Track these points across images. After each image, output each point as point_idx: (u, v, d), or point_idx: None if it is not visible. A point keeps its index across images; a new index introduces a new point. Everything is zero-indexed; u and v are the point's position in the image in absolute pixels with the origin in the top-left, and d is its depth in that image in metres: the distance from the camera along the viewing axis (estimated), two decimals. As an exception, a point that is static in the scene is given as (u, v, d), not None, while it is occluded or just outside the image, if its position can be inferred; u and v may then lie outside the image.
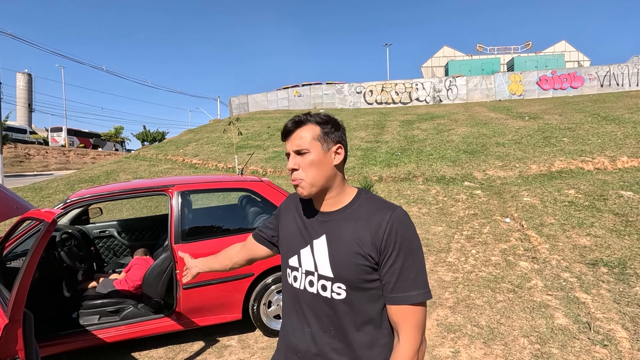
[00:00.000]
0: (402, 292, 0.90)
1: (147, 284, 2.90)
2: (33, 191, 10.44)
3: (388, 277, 0.92)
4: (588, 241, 4.58)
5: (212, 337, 3.06)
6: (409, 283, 0.91)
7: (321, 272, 0.98)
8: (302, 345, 1.02)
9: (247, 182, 3.31)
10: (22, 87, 44.01)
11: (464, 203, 6.72)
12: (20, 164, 26.88)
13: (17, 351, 1.52)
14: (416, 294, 0.90)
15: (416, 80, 20.68)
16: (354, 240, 0.94)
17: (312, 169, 0.97)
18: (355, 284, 0.94)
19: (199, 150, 14.23)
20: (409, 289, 0.90)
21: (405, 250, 0.91)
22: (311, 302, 1.00)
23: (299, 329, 1.03)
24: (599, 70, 18.93)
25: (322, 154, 0.98)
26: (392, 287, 0.92)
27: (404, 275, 0.91)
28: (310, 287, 1.00)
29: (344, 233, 0.97)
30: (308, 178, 0.98)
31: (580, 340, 2.74)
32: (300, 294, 1.03)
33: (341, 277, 0.95)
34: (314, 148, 0.98)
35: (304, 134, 0.99)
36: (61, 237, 3.26)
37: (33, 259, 1.56)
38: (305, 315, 1.01)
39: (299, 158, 0.99)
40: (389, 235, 0.91)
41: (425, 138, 11.75)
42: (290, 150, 1.00)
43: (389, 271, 0.91)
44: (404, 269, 0.91)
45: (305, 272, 1.01)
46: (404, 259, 0.91)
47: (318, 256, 0.99)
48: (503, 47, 31.96)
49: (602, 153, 8.37)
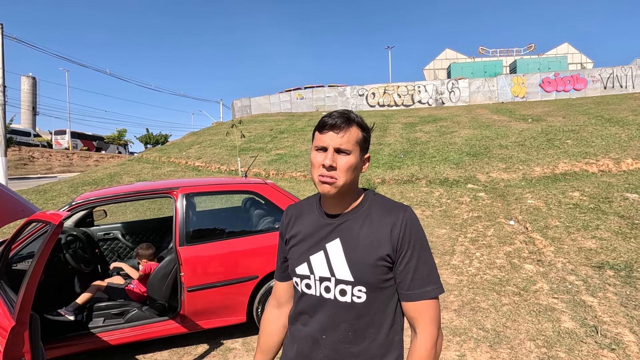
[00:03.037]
0: (419, 289, 0.94)
1: (151, 286, 2.90)
2: (37, 194, 10.49)
3: (404, 275, 0.94)
4: (593, 244, 4.55)
5: (217, 339, 3.05)
6: (424, 279, 0.94)
7: (339, 277, 0.96)
8: (316, 353, 0.99)
9: (251, 184, 3.32)
10: (26, 90, 44.36)
11: (468, 205, 6.69)
12: (24, 166, 27.03)
13: (24, 353, 1.52)
14: (431, 289, 0.94)
15: (418, 83, 20.68)
16: (370, 242, 0.95)
17: (349, 172, 0.94)
18: (375, 285, 0.95)
19: (201, 152, 14.27)
20: (425, 285, 0.94)
21: (419, 248, 0.95)
22: (328, 308, 0.97)
23: (312, 337, 1.00)
24: (602, 72, 18.87)
25: (359, 160, 0.96)
26: (408, 285, 0.94)
27: (419, 272, 0.94)
28: (327, 293, 0.97)
29: (360, 235, 0.96)
30: (341, 179, 0.93)
31: (588, 344, 2.71)
32: (315, 302, 0.99)
33: (361, 279, 0.94)
34: (355, 152, 0.95)
35: (350, 135, 0.94)
36: (66, 240, 3.27)
37: (40, 261, 1.56)
38: (319, 322, 0.98)
39: (337, 156, 0.93)
40: (404, 235, 0.94)
41: (428, 140, 11.73)
42: (331, 145, 0.93)
43: (405, 269, 0.94)
44: (419, 266, 0.94)
45: (320, 279, 0.98)
46: (418, 257, 0.94)
47: (334, 260, 0.97)
48: (505, 50, 31.94)
49: (606, 155, 8.33)
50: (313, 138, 1.00)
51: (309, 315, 1.01)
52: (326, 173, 0.93)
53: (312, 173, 0.98)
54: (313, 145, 0.99)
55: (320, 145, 0.95)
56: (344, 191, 0.97)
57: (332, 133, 0.94)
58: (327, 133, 0.94)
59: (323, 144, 0.94)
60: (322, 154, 0.95)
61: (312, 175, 0.98)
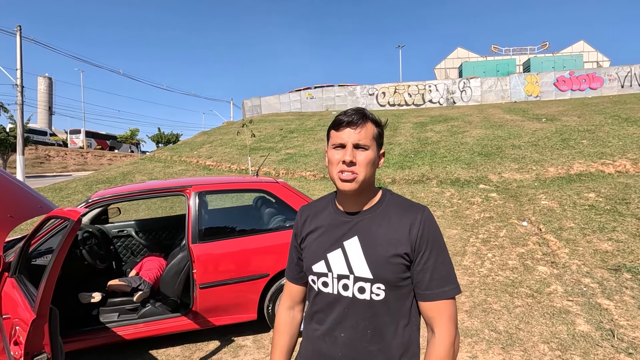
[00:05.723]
0: (437, 289, 0.94)
1: (164, 283, 2.94)
2: (53, 191, 10.74)
3: (422, 275, 0.95)
4: (610, 246, 4.45)
5: (228, 336, 3.09)
6: (442, 279, 0.94)
7: (358, 274, 0.96)
8: (334, 351, 0.98)
9: (262, 183, 3.34)
10: (43, 91, 45.44)
11: (479, 206, 6.61)
12: (41, 165, 27.69)
13: (44, 346, 1.56)
14: (449, 289, 0.94)
15: (429, 82, 20.50)
16: (389, 240, 0.95)
17: (368, 167, 0.95)
18: (393, 283, 0.95)
19: (212, 152, 14.41)
20: (442, 285, 0.94)
21: (437, 248, 0.95)
22: (346, 306, 0.97)
23: (330, 335, 0.99)
24: (619, 70, 18.42)
25: (376, 155, 0.98)
26: (426, 284, 0.94)
27: (437, 272, 0.94)
28: (345, 290, 0.97)
29: (378, 233, 0.96)
30: (362, 174, 0.94)
31: (604, 348, 2.66)
32: (332, 300, 0.99)
33: (380, 277, 0.94)
34: (373, 147, 0.97)
35: (367, 131, 0.95)
36: (82, 236, 3.35)
37: (59, 257, 1.60)
38: (337, 321, 0.98)
39: (356, 152, 0.95)
40: (422, 234, 0.94)
41: (439, 140, 11.63)
42: (349, 142, 0.94)
43: (423, 269, 0.94)
44: (437, 266, 0.94)
45: (338, 277, 0.98)
46: (436, 257, 0.95)
47: (352, 258, 0.97)
48: (519, 48, 31.42)
49: (623, 155, 8.13)
50: (328, 137, 1.01)
51: (325, 314, 1.01)
52: (347, 169, 0.94)
53: (331, 171, 0.97)
54: (330, 143, 0.99)
55: (338, 143, 0.96)
56: (364, 187, 0.97)
57: (349, 130, 0.95)
58: (344, 130, 0.95)
59: (341, 141, 0.95)
60: (340, 151, 0.95)
61: (331, 173, 0.98)
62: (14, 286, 2.03)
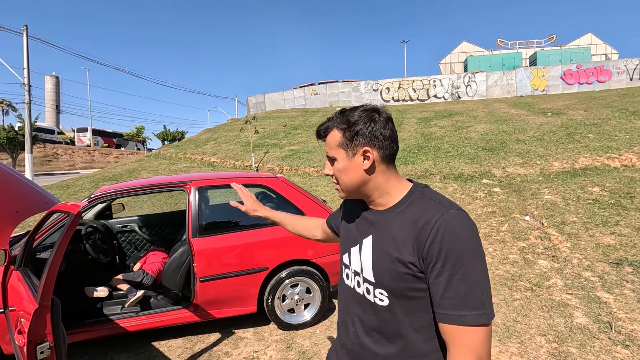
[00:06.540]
0: (450, 310, 0.77)
1: (166, 276, 3.00)
2: (61, 189, 10.92)
3: (434, 290, 0.80)
4: (612, 240, 4.42)
5: (228, 329, 3.15)
6: (458, 300, 0.76)
7: (365, 275, 0.92)
8: (347, 342, 1.00)
9: (262, 178, 3.38)
10: (50, 90, 45.94)
11: (482, 201, 6.59)
12: (49, 163, 28.09)
13: (46, 334, 1.62)
14: (466, 315, 0.75)
15: (434, 77, 20.34)
16: (395, 245, 0.85)
17: (342, 176, 0.94)
18: (398, 292, 0.85)
19: (217, 149, 14.50)
20: (458, 307, 0.76)
21: (454, 261, 0.76)
22: (359, 302, 0.96)
23: (346, 326, 1.01)
24: (628, 63, 18.11)
25: (347, 160, 0.91)
26: (438, 302, 0.79)
27: (452, 290, 0.76)
28: (358, 287, 0.96)
29: (388, 235, 0.88)
30: (342, 184, 0.95)
31: (601, 340, 2.66)
32: (350, 292, 1.00)
33: (382, 283, 0.87)
34: (339, 155, 0.93)
35: (330, 140, 0.95)
36: (86, 231, 3.42)
37: (60, 249, 1.65)
38: (351, 313, 0.99)
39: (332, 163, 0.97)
40: (432, 242, 0.78)
41: (443, 135, 11.57)
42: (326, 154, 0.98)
43: (434, 283, 0.79)
44: (452, 282, 0.76)
45: (354, 272, 0.98)
46: (451, 271, 0.76)
47: (364, 257, 0.93)
48: (525, 41, 30.98)
49: (630, 149, 8.02)
50: None
51: (344, 304, 1.03)
52: (333, 180, 0.99)
53: None
54: None
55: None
56: (354, 191, 0.96)
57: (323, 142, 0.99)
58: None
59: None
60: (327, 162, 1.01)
61: None
62: (19, 279, 2.10)
